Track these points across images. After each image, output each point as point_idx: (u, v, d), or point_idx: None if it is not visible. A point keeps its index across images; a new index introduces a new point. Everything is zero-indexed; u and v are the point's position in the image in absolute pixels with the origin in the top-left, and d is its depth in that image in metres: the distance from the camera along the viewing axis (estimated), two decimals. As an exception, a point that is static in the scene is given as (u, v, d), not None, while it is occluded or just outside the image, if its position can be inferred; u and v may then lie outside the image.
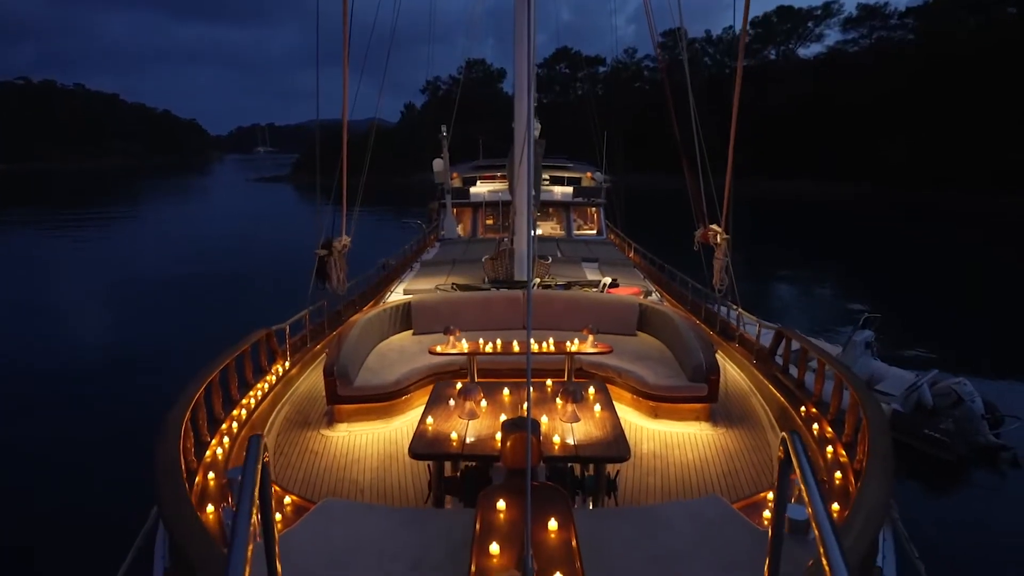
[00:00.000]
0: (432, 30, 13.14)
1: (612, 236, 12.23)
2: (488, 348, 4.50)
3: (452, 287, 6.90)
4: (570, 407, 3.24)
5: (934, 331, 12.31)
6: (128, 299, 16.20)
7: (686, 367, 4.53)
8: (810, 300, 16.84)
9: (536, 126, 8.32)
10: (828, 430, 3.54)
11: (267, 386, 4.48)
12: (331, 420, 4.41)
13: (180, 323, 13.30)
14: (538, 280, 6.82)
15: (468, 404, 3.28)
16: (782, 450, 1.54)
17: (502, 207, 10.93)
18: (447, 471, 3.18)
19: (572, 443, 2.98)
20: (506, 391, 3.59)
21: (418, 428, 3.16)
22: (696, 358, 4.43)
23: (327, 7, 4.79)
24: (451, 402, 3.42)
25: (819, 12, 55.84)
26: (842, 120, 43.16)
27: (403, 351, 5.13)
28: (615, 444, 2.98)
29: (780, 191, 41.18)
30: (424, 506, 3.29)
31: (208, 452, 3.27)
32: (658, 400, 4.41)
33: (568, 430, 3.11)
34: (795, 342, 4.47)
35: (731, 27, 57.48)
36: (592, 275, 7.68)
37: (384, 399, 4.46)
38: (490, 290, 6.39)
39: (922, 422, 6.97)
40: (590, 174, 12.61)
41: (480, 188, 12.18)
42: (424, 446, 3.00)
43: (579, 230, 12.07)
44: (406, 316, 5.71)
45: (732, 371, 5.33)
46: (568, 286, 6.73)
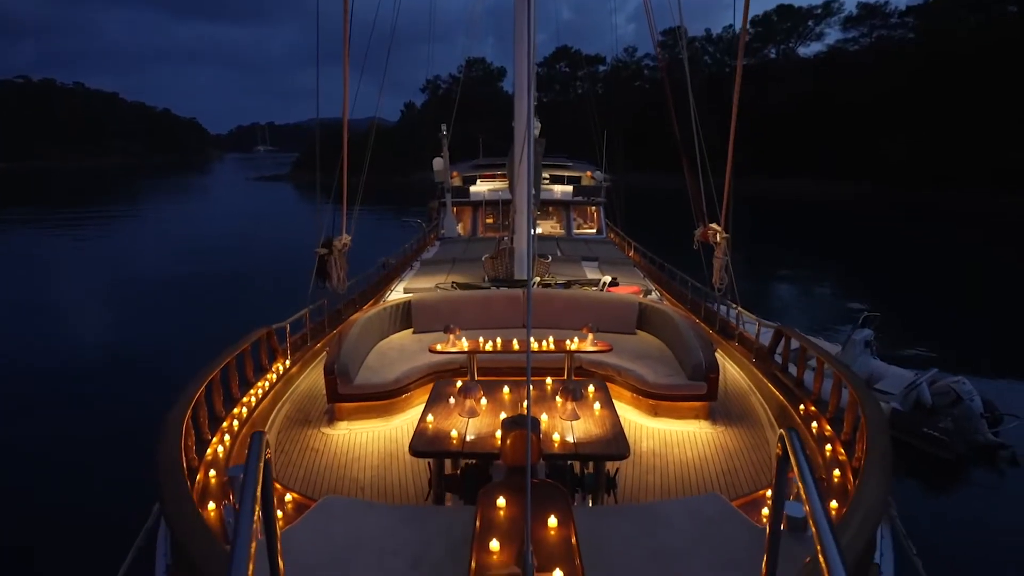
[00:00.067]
0: (432, 29, 13.15)
1: (612, 235, 12.24)
2: (488, 347, 4.52)
3: (452, 286, 6.91)
4: (570, 405, 3.25)
5: (933, 330, 12.32)
6: (128, 298, 16.20)
7: (685, 366, 4.54)
8: (810, 299, 16.85)
9: (536, 125, 8.32)
10: (827, 428, 3.55)
11: (268, 384, 4.49)
12: (331, 418, 4.42)
13: (180, 322, 13.30)
14: (538, 279, 6.83)
15: (468, 402, 3.29)
16: (780, 447, 1.55)
17: (502, 206, 10.94)
18: (447, 469, 3.19)
19: (572, 441, 2.99)
20: (506, 389, 3.60)
21: (418, 426, 3.17)
22: (696, 357, 4.43)
23: (327, 6, 4.80)
24: (451, 400, 3.43)
25: (819, 11, 55.86)
26: (842, 119, 43.11)
27: (403, 350, 5.14)
28: (614, 442, 2.99)
29: (780, 190, 41.18)
30: (424, 503, 3.30)
31: (209, 450, 3.28)
32: (658, 398, 4.42)
33: (568, 428, 3.12)
34: (794, 341, 4.48)
35: (731, 26, 57.56)
36: (592, 274, 7.69)
37: (384, 397, 4.47)
38: (490, 289, 6.40)
39: (921, 421, 6.98)
40: (590, 173, 12.61)
41: (480, 187, 12.18)
42: (424, 444, 3.01)
43: (579, 229, 12.07)
44: (406, 315, 5.72)
45: (731, 370, 5.34)
46: (568, 285, 6.74)
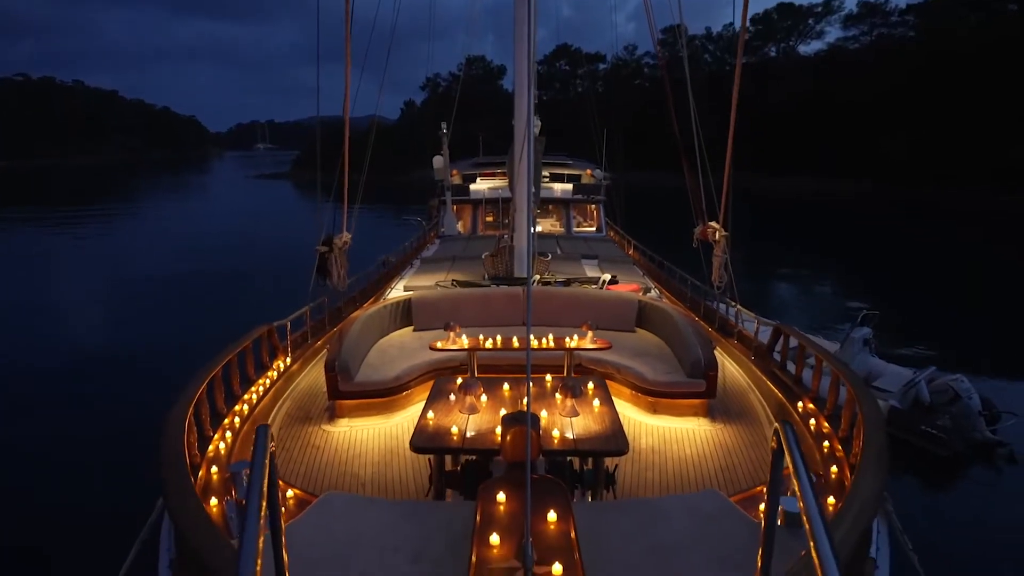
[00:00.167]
0: (432, 27, 13.15)
1: (612, 233, 12.24)
2: (488, 344, 4.53)
3: (452, 284, 6.92)
4: (569, 402, 3.27)
5: (932, 328, 12.33)
6: (128, 296, 16.20)
7: (684, 363, 4.56)
8: (809, 297, 16.86)
9: (536, 123, 8.32)
10: (825, 425, 3.57)
11: (268, 382, 4.51)
12: (332, 415, 4.44)
13: (180, 320, 13.31)
14: (538, 277, 6.84)
15: (468, 399, 3.31)
16: (775, 440, 1.57)
17: (502, 204, 10.95)
18: (448, 465, 3.21)
19: (571, 437, 3.01)
20: (506, 386, 3.62)
21: (419, 422, 3.19)
22: (695, 354, 4.45)
23: (327, 4, 4.81)
24: (451, 397, 3.44)
25: (820, 9, 55.78)
26: (843, 117, 43.05)
27: (404, 347, 5.16)
28: (613, 438, 3.01)
29: (780, 188, 41.16)
30: (425, 499, 3.32)
31: (211, 447, 3.30)
32: (657, 396, 4.44)
33: (567, 424, 3.14)
34: (793, 339, 4.50)
35: (731, 24, 57.72)
36: (591, 272, 7.70)
37: (385, 394, 4.49)
38: (490, 287, 6.42)
39: (919, 418, 7.00)
40: (590, 171, 12.61)
41: (480, 185, 12.19)
42: (425, 440, 3.03)
43: (579, 227, 12.08)
44: (407, 312, 5.74)
45: (730, 367, 5.36)
46: (568, 283, 6.76)
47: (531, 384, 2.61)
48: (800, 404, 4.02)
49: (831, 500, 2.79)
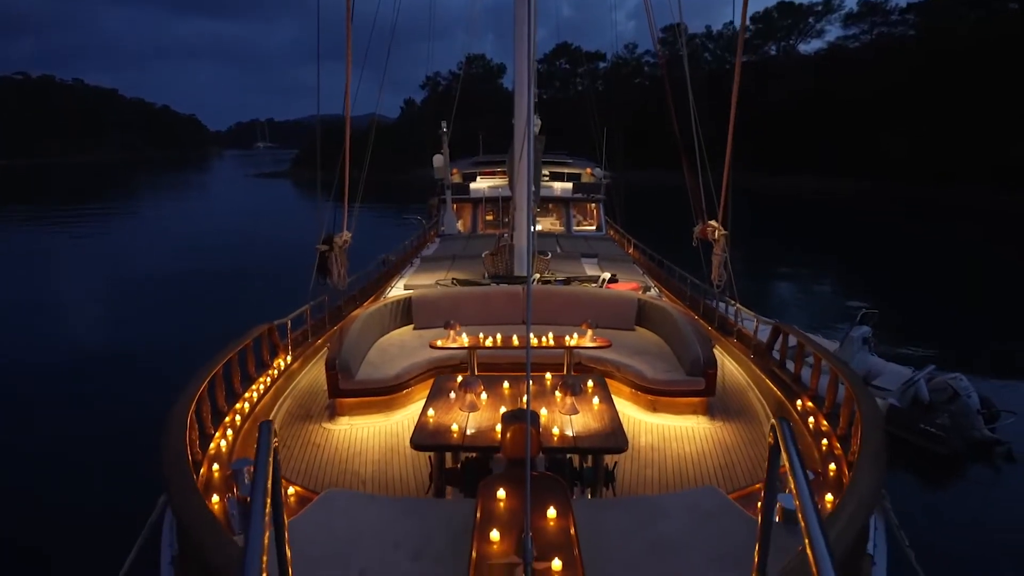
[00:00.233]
0: (432, 26, 13.15)
1: (611, 232, 12.25)
2: (488, 342, 4.55)
3: (452, 282, 6.94)
4: (569, 400, 3.29)
5: (932, 327, 12.34)
6: (128, 295, 16.20)
7: (684, 361, 4.57)
8: (808, 296, 16.86)
9: (536, 122, 8.33)
10: (824, 423, 3.59)
11: (269, 380, 4.52)
12: (333, 413, 4.46)
13: (181, 319, 13.31)
14: (538, 275, 6.85)
15: (468, 397, 3.32)
16: (772, 436, 1.58)
17: (502, 203, 10.94)
18: (448, 462, 3.22)
19: (571, 435, 3.03)
20: (506, 384, 3.63)
21: (419, 420, 3.20)
22: (694, 352, 4.47)
23: (327, 2, 4.82)
24: (452, 395, 3.46)
25: (820, 8, 55.80)
26: (843, 116, 43.04)
27: (404, 345, 5.17)
28: (613, 436, 3.02)
29: (780, 187, 41.16)
30: (425, 496, 3.33)
31: (212, 444, 3.32)
32: (656, 394, 4.45)
33: (567, 422, 3.15)
34: (792, 337, 4.51)
35: (731, 23, 57.69)
36: (591, 271, 7.71)
37: (385, 393, 4.51)
38: (490, 285, 6.43)
39: (918, 417, 7.01)
40: (590, 170, 12.61)
41: (480, 184, 12.19)
42: (425, 437, 3.04)
43: (579, 226, 12.08)
44: (407, 311, 5.76)
45: (730, 366, 5.38)
46: (567, 281, 6.77)
47: (531, 382, 2.62)
48: (799, 402, 4.03)
49: (829, 497, 2.80)
